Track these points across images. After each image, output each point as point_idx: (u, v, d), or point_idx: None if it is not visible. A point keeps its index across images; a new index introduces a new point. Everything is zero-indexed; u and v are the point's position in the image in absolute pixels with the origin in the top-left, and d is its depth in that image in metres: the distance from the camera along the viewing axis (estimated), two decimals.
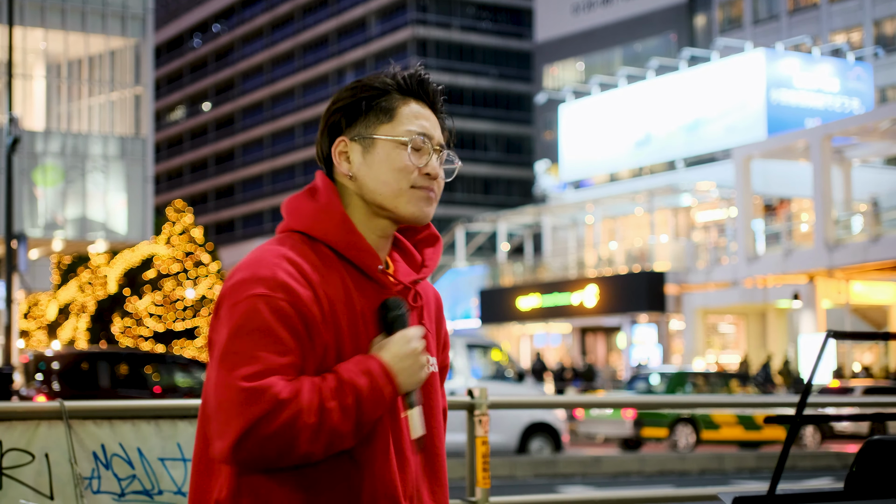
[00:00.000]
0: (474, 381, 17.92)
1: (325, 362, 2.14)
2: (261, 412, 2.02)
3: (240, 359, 2.06)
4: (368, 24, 79.72)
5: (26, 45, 30.85)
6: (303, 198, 2.29)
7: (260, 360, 2.06)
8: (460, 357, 17.96)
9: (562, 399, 16.07)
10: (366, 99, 2.28)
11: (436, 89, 2.39)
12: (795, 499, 2.32)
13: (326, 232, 2.21)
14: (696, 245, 38.64)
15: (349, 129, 2.27)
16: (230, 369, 2.06)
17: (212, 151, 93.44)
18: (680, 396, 20.14)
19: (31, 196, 29.62)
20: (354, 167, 2.25)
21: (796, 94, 41.48)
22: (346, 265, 2.20)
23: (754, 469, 17.45)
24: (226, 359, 2.07)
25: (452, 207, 75.43)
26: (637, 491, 6.87)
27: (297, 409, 2.03)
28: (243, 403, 2.02)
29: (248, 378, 2.04)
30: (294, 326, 2.10)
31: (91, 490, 4.09)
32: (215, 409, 2.06)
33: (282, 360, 2.07)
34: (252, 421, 2.02)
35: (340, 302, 2.16)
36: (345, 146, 2.26)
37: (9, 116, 22.25)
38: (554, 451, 17.79)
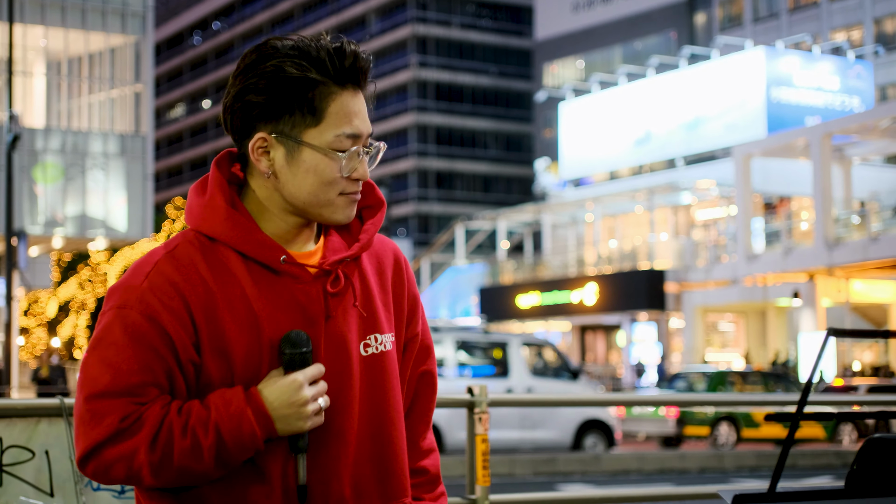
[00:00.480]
0: (529, 379, 18.16)
1: (208, 377, 1.97)
2: (99, 437, 1.91)
3: (90, 374, 1.93)
4: (368, 22, 79.71)
5: (26, 42, 30.85)
6: (194, 192, 2.06)
7: (106, 379, 1.91)
8: (516, 355, 18.24)
9: (560, 398, 16.05)
10: (288, 94, 1.96)
11: (367, 66, 2.02)
12: (796, 496, 2.32)
13: (216, 230, 2.00)
14: (696, 243, 38.64)
15: (269, 123, 1.98)
16: (83, 384, 1.94)
17: (212, 149, 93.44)
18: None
19: (32, 193, 29.62)
20: (276, 167, 2.00)
21: (796, 92, 41.47)
22: (249, 262, 2.00)
23: (754, 467, 17.45)
24: (83, 369, 1.95)
25: (452, 205, 75.42)
26: (637, 489, 6.87)
27: (135, 443, 1.90)
28: (86, 424, 1.92)
29: (91, 397, 1.92)
30: (149, 343, 1.93)
31: (91, 487, 4.09)
32: (76, 415, 1.96)
33: (131, 379, 1.91)
34: (93, 444, 1.91)
35: (233, 309, 1.97)
36: (264, 142, 1.99)
37: (9, 114, 22.26)
38: (607, 447, 18.17)
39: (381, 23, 78.91)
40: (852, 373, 31.17)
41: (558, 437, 17.88)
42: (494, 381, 17.84)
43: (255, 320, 1.97)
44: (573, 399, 13.62)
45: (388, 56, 77.95)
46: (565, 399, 12.88)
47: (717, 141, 41.75)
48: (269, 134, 1.98)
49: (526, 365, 18.50)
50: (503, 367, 18.26)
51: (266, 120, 1.98)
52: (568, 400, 12.65)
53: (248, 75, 2.00)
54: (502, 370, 18.25)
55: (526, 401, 9.12)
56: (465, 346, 18.42)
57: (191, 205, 2.05)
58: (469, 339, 18.74)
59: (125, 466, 1.92)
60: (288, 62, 1.97)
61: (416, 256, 62.10)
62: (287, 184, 2.00)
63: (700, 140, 42.73)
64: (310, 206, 2.01)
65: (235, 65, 2.03)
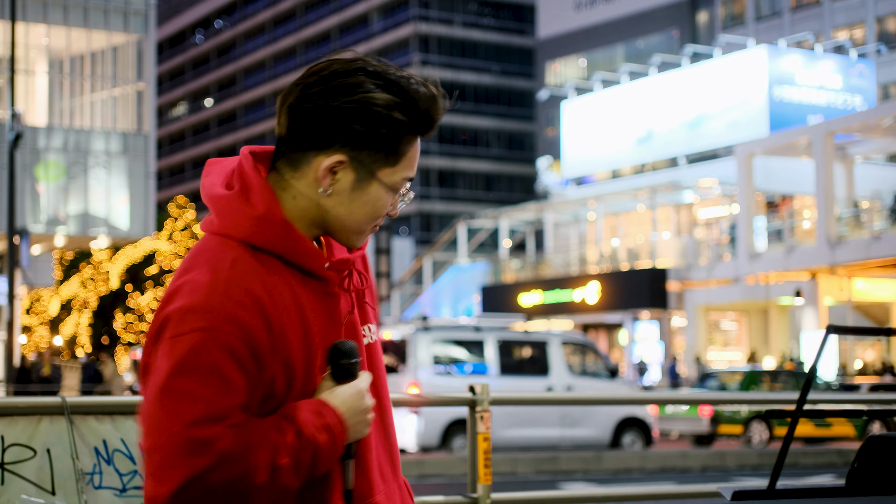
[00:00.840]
0: (569, 378, 18.41)
1: (272, 390, 1.96)
2: (204, 465, 1.85)
3: (183, 399, 1.87)
4: (370, 21, 79.71)
5: (29, 40, 30.86)
6: (236, 200, 2.01)
7: (205, 403, 1.87)
8: (555, 354, 18.53)
9: (558, 396, 16.04)
10: (386, 135, 1.98)
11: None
12: (795, 493, 2.32)
13: (270, 242, 1.99)
14: (698, 242, 38.62)
15: (353, 150, 1.98)
16: (172, 411, 1.87)
17: (214, 147, 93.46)
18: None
19: (34, 192, 29.64)
20: (337, 188, 2.00)
21: (799, 90, 41.46)
22: (290, 268, 2.01)
23: (756, 466, 17.46)
24: (167, 396, 1.88)
25: (454, 204, 75.42)
26: (638, 488, 6.88)
27: (245, 467, 1.88)
28: (187, 454, 1.85)
29: (191, 424, 1.86)
30: (244, 364, 1.91)
31: (93, 485, 4.09)
32: (153, 449, 1.88)
33: (228, 401, 1.88)
34: (195, 473, 1.85)
35: (291, 318, 1.98)
36: (339, 164, 1.98)
37: (11, 112, 22.27)
38: (645, 445, 18.47)
39: (383, 21, 78.91)
40: (875, 371, 31.21)
41: (598, 435, 18.23)
42: (535, 379, 18.21)
43: (308, 328, 2.00)
44: (574, 398, 13.62)
45: (390, 55, 77.95)
46: (565, 398, 12.88)
47: (720, 139, 41.74)
48: (349, 159, 1.98)
49: (565, 363, 18.78)
50: (543, 366, 18.59)
51: (351, 146, 1.97)
52: (569, 399, 12.65)
53: (349, 97, 1.96)
54: (542, 369, 18.57)
55: (526, 399, 9.13)
56: (506, 346, 18.66)
57: (233, 211, 2.01)
58: (510, 337, 18.95)
59: (228, 494, 1.88)
60: (396, 109, 1.97)
61: (418, 255, 62.10)
62: (338, 206, 2.02)
63: (702, 138, 42.71)
64: (345, 230, 2.05)
65: (323, 63, 1.98)
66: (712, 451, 18.33)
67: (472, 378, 17.75)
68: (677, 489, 6.68)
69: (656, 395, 12.42)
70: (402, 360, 18.03)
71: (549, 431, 17.97)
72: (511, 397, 7.65)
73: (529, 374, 18.53)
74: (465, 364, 18.42)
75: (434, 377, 17.63)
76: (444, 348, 18.25)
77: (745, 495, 2.26)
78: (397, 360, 18.08)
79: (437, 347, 18.08)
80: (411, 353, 17.80)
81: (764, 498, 2.28)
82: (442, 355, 18.16)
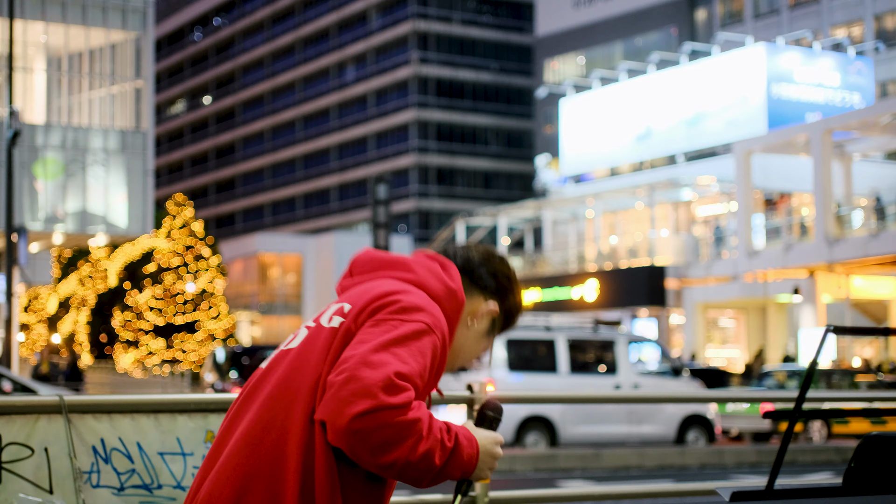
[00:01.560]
0: (635, 376, 19.02)
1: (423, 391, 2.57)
2: (394, 403, 2.37)
3: (396, 358, 2.44)
4: (369, 18, 79.66)
5: (27, 38, 30.83)
6: (446, 282, 2.72)
7: (410, 368, 2.45)
8: (622, 353, 19.15)
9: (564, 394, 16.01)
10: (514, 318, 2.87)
11: None
12: (793, 493, 2.32)
13: (450, 317, 2.69)
14: (697, 239, 38.63)
15: (499, 314, 2.80)
16: (386, 361, 2.43)
17: (212, 145, 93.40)
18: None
19: (32, 189, 29.62)
20: (476, 325, 2.77)
21: (797, 88, 41.46)
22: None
23: (754, 464, 17.47)
24: (389, 348, 2.46)
25: (453, 201, 75.39)
26: (637, 486, 6.87)
27: (416, 418, 2.40)
28: (384, 389, 2.37)
29: (398, 375, 2.41)
30: (435, 367, 2.56)
31: (90, 484, 4.09)
32: (354, 380, 2.39)
33: (420, 381, 2.47)
34: (382, 406, 2.36)
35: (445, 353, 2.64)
36: (490, 314, 2.78)
37: (9, 110, 22.25)
38: (708, 442, 19.12)
39: (381, 19, 78.86)
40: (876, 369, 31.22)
41: (663, 432, 18.86)
42: (603, 377, 18.93)
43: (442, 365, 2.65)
44: (575, 396, 13.61)
45: (389, 52, 77.90)
46: (563, 396, 12.86)
47: (718, 137, 41.74)
48: (495, 316, 2.79)
49: (632, 362, 19.47)
50: (611, 365, 19.22)
51: (500, 309, 2.80)
52: (570, 397, 12.64)
53: (515, 290, 2.88)
54: (610, 367, 19.19)
55: (522, 397, 9.12)
56: (575, 345, 19.25)
57: (444, 286, 2.70)
58: (579, 337, 19.50)
59: (391, 434, 2.38)
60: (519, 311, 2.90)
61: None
62: (466, 336, 2.77)
63: (700, 136, 42.71)
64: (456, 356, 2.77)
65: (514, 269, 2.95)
66: (711, 448, 18.33)
67: (544, 377, 18.60)
68: (675, 487, 6.69)
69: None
70: None
71: (617, 428, 18.68)
72: (507, 395, 7.62)
73: (598, 372, 19.24)
74: (537, 362, 19.04)
75: (509, 375, 18.29)
76: (516, 347, 18.80)
77: (744, 496, 2.25)
78: None
79: (511, 346, 18.67)
80: None
81: (762, 498, 2.28)
82: (515, 354, 18.73)
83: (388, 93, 77.86)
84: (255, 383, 2.71)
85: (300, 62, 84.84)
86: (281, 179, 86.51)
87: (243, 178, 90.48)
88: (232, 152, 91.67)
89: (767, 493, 2.30)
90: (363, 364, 2.44)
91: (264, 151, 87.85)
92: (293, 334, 2.76)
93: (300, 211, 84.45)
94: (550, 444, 18.15)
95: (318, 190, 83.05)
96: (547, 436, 18.25)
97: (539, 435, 18.19)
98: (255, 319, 66.49)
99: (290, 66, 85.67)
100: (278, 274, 66.79)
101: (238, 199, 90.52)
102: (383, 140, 78.49)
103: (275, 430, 2.57)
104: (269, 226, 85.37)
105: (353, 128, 79.94)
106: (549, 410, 18.27)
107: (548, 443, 18.18)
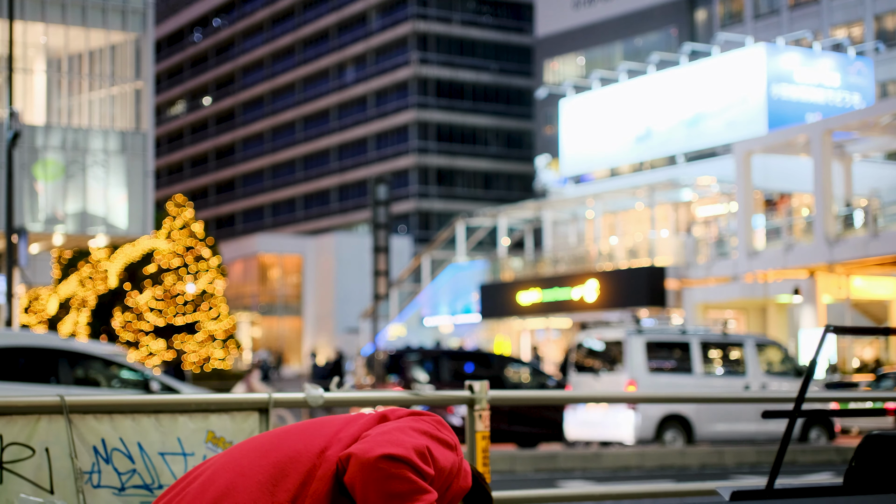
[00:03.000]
0: (762, 377, 20.03)
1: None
2: (420, 466, 2.71)
3: (432, 444, 2.83)
4: (369, 19, 79.65)
5: (27, 39, 30.82)
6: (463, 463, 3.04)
7: (438, 457, 2.83)
8: (751, 355, 20.18)
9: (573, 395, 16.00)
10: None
11: None
12: (793, 493, 2.32)
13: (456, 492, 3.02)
14: (697, 240, 38.62)
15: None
16: (423, 439, 2.80)
17: (212, 146, 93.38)
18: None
19: (32, 190, 29.61)
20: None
21: (797, 88, 41.44)
22: None
23: (755, 464, 17.46)
24: (424, 435, 2.84)
25: (453, 202, 75.38)
26: (637, 486, 6.87)
27: (431, 490, 2.73)
28: (416, 452, 2.74)
29: (430, 451, 2.79)
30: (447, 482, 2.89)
31: (91, 484, 4.09)
32: (391, 433, 2.77)
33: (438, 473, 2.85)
34: (411, 461, 2.69)
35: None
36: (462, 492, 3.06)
37: (9, 111, 22.25)
38: (828, 440, 20.39)
39: (381, 19, 78.85)
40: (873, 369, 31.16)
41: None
42: (734, 378, 20.01)
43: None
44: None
45: (389, 53, 77.89)
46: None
47: (718, 137, 41.72)
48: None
49: (759, 364, 20.29)
50: (741, 366, 20.28)
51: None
52: (569, 396, 12.62)
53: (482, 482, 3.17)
54: (740, 369, 20.25)
55: (525, 398, 9.11)
56: (706, 347, 20.27)
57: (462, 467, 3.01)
58: (711, 339, 20.44)
59: (408, 489, 2.69)
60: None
61: (416, 253, 62.08)
62: None
63: (701, 137, 42.70)
64: None
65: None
66: (711, 449, 18.33)
67: (680, 377, 19.74)
68: (675, 487, 6.69)
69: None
70: (611, 362, 20.06)
71: (747, 426, 19.78)
72: (509, 395, 7.63)
73: (728, 373, 20.30)
74: (673, 364, 20.11)
75: (649, 376, 19.33)
76: (654, 349, 19.86)
77: (744, 495, 2.26)
78: (605, 363, 20.19)
79: (650, 349, 19.74)
80: (627, 354, 19.58)
81: (762, 498, 2.28)
82: (653, 356, 19.80)
83: (388, 93, 77.84)
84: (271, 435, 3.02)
85: (300, 63, 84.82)
86: (281, 180, 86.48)
87: (243, 179, 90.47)
88: (232, 153, 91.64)
89: (767, 493, 2.30)
90: (401, 431, 2.80)
91: (264, 152, 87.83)
92: None
93: (300, 212, 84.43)
94: (687, 442, 19.23)
95: (318, 191, 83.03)
96: (683, 433, 19.31)
97: (676, 432, 19.27)
98: (256, 320, 66.49)
99: (290, 67, 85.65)
100: (278, 275, 66.78)
101: (238, 199, 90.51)
102: (383, 141, 78.48)
103: (283, 449, 2.84)
104: (269, 227, 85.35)
105: (353, 129, 79.92)
106: (686, 409, 19.27)
107: (684, 440, 19.25)
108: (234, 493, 2.76)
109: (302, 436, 2.88)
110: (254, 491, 2.75)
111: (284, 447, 2.85)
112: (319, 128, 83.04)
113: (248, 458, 2.85)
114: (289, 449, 2.84)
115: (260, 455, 2.85)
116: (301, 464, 2.81)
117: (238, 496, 2.74)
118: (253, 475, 2.78)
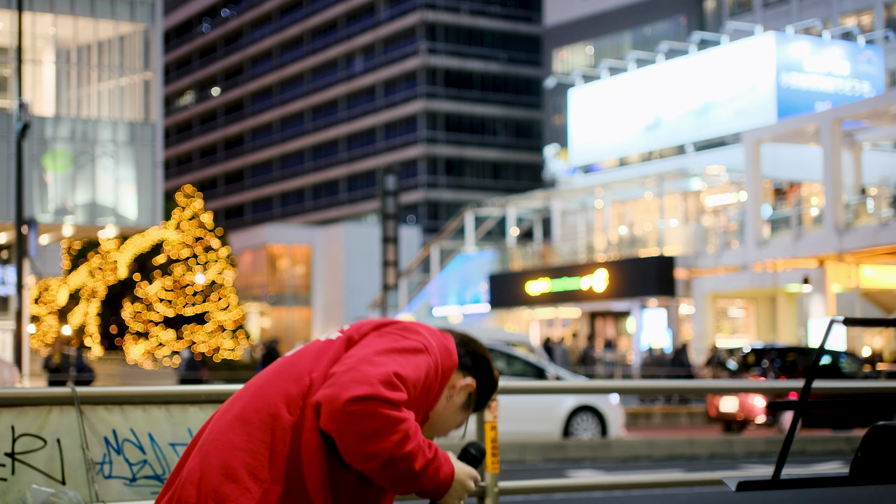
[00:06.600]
0: None
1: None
2: (389, 397, 2.64)
3: (398, 363, 2.74)
4: (377, 9, 79.55)
5: (36, 30, 30.87)
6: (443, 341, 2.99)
7: (408, 376, 2.75)
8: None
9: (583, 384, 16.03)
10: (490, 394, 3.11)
11: None
12: (799, 483, 2.33)
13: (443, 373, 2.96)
14: (706, 229, 38.57)
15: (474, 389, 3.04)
16: (389, 362, 2.73)
17: (221, 136, 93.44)
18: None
19: (41, 181, 29.68)
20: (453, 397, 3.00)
21: (806, 77, 41.33)
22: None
23: (764, 453, 17.47)
24: (390, 354, 2.76)
25: (462, 192, 75.35)
26: (646, 475, 6.89)
27: (406, 417, 2.68)
28: (383, 383, 2.66)
29: (396, 375, 2.71)
30: (427, 387, 2.84)
31: (102, 475, 4.11)
32: (354, 370, 2.69)
33: (412, 389, 2.77)
34: (378, 396, 2.63)
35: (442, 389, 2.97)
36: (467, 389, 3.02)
37: (19, 102, 22.29)
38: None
39: (389, 9, 78.76)
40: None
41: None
42: None
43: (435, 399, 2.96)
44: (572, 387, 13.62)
45: (397, 43, 77.81)
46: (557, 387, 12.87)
47: (727, 127, 41.64)
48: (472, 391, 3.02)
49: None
50: None
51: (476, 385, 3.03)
52: (564, 388, 12.64)
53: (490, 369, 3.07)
54: None
55: (531, 388, 9.16)
56: None
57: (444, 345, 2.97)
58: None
59: (381, 424, 2.64)
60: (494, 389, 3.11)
61: (425, 243, 62.09)
62: (445, 407, 2.99)
63: (710, 126, 42.62)
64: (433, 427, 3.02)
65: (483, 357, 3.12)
66: (720, 438, 18.34)
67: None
68: (684, 477, 6.70)
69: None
70: None
71: None
72: (518, 386, 7.68)
73: None
74: None
75: None
76: None
77: (750, 486, 2.27)
78: None
79: None
80: None
81: (768, 488, 2.30)
82: None
83: (397, 83, 77.79)
84: (252, 381, 2.96)
85: (308, 53, 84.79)
86: (290, 170, 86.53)
87: (252, 170, 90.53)
88: (241, 144, 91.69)
89: (773, 483, 2.31)
90: (365, 361, 2.71)
91: (273, 143, 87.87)
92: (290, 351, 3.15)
93: (309, 202, 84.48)
94: None
95: (327, 181, 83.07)
96: None
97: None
98: (265, 311, 66.58)
99: (299, 58, 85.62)
100: (287, 265, 66.84)
101: (247, 190, 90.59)
102: (392, 131, 78.45)
103: (265, 410, 2.80)
104: (278, 217, 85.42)
105: (362, 119, 79.90)
106: None
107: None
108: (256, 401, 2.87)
109: (280, 380, 2.86)
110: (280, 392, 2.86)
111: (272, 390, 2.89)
112: (328, 118, 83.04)
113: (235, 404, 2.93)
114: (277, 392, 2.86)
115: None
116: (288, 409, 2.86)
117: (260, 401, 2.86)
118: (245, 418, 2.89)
